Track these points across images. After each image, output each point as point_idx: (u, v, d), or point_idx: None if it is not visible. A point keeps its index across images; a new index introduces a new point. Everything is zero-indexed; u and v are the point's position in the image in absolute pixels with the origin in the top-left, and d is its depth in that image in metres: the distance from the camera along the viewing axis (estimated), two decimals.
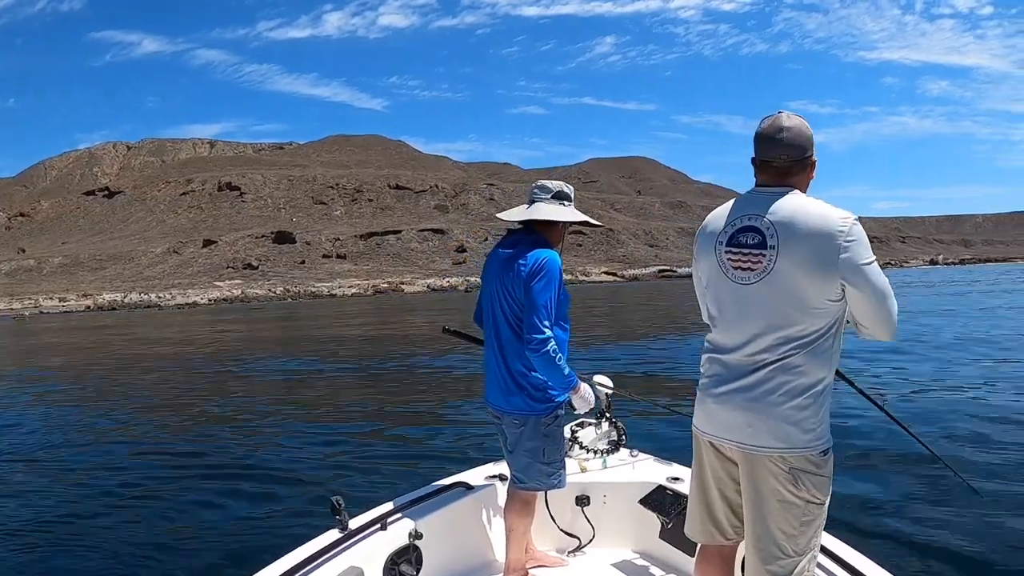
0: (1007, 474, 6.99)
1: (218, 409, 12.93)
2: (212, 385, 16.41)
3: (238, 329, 37.61)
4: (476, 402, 11.31)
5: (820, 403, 2.52)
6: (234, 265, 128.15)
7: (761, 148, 2.61)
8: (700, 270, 2.77)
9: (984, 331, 20.47)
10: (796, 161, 2.58)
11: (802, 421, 2.49)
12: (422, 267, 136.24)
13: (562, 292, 3.54)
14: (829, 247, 2.40)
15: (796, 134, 2.58)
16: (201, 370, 19.32)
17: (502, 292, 3.59)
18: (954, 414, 9.64)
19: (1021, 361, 14.95)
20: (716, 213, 2.75)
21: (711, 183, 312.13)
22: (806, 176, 2.63)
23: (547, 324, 3.41)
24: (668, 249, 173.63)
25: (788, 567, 2.57)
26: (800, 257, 2.45)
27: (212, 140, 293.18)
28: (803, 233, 2.45)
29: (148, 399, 14.46)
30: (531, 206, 3.65)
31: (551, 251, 3.54)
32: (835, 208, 2.48)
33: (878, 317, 2.48)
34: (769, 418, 2.51)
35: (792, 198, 2.53)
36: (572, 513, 4.28)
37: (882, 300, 2.46)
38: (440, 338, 7.88)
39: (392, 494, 3.94)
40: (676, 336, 24.51)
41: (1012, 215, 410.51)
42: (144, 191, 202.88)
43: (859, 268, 2.40)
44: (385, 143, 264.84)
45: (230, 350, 25.20)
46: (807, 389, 2.49)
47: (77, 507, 7.15)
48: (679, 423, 5.23)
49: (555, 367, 3.44)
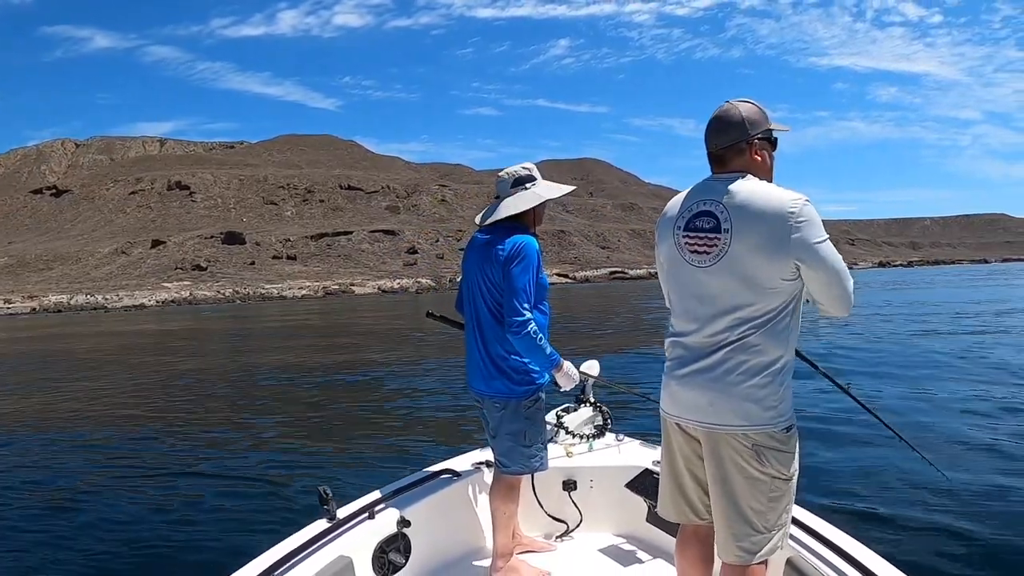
0: (958, 448, 7.79)
1: (194, 407, 13.01)
2: (179, 385, 16.32)
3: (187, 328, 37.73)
4: (459, 389, 12.04)
5: (780, 381, 2.59)
6: (183, 266, 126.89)
7: (704, 140, 2.75)
8: (660, 255, 2.85)
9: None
10: (728, 147, 2.67)
11: (763, 399, 2.56)
12: (373, 268, 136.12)
13: (541, 276, 3.60)
14: (781, 228, 2.47)
15: (724, 122, 2.68)
16: (169, 370, 19.36)
17: (481, 278, 3.65)
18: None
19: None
20: (675, 200, 2.84)
21: (663, 185, 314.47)
22: (746, 160, 2.67)
23: (527, 307, 3.47)
24: (620, 251, 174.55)
25: (759, 543, 2.63)
26: (753, 239, 2.52)
27: (162, 138, 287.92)
28: (755, 215, 2.52)
29: (118, 400, 14.34)
30: (499, 202, 3.72)
31: (528, 236, 3.60)
32: (787, 191, 2.56)
33: (833, 294, 2.56)
34: (730, 397, 2.58)
35: (745, 183, 2.60)
36: (559, 498, 4.33)
37: (836, 277, 2.53)
38: (417, 329, 8.29)
39: (379, 483, 3.98)
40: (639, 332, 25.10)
41: (959, 218, 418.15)
42: (92, 190, 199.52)
43: (811, 247, 2.47)
44: (337, 143, 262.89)
45: (192, 350, 25.32)
46: (766, 367, 2.56)
47: (68, 506, 7.15)
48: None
49: (537, 347, 3.49)
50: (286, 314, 52.76)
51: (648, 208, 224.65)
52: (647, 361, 16.48)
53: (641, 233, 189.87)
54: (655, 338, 23.90)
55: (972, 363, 14.78)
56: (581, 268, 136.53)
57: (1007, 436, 8.48)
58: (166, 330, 40.52)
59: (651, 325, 28.47)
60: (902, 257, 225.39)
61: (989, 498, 6.38)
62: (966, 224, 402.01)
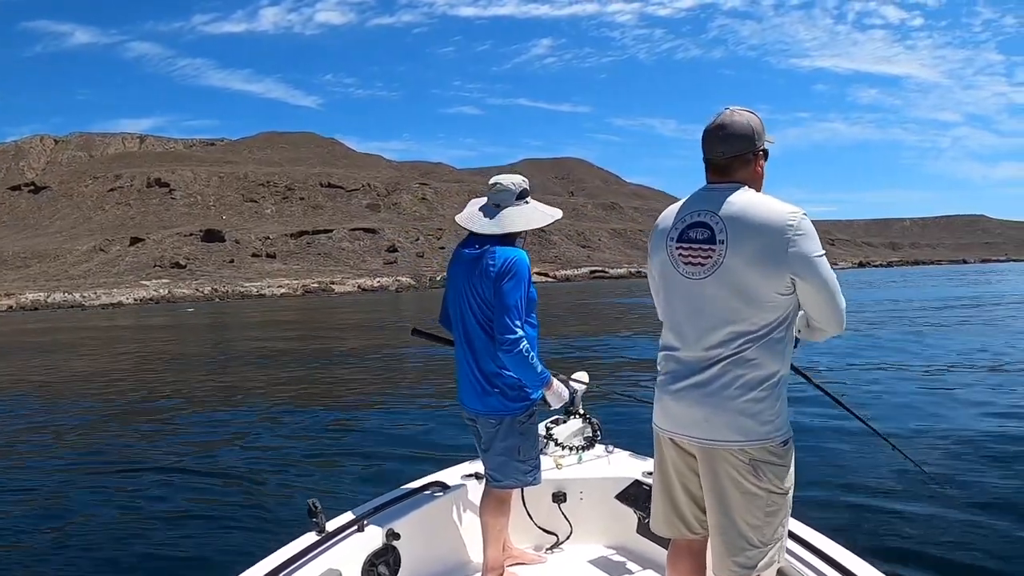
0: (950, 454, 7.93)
1: (182, 414, 12.85)
2: (167, 389, 16.17)
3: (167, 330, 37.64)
4: (448, 400, 11.54)
5: (776, 395, 2.56)
6: (161, 264, 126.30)
7: (704, 146, 2.69)
8: (653, 267, 2.82)
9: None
10: (735, 157, 2.64)
11: (759, 413, 2.53)
12: (353, 267, 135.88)
13: (530, 290, 3.54)
14: (778, 241, 2.45)
15: (733, 131, 2.64)
16: (149, 373, 19.32)
17: (470, 293, 3.57)
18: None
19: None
20: (668, 210, 2.80)
21: (643, 185, 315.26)
22: (751, 172, 2.66)
23: (518, 324, 3.42)
24: (600, 250, 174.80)
25: (755, 558, 2.62)
26: (749, 252, 2.49)
27: (142, 135, 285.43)
28: (752, 228, 2.50)
29: (94, 405, 14.21)
30: (498, 211, 3.62)
31: (519, 250, 3.55)
32: (784, 203, 2.53)
33: (827, 311, 2.55)
34: (725, 412, 2.55)
35: (741, 194, 2.58)
36: (549, 510, 4.30)
37: (831, 294, 2.51)
38: (401, 335, 7.74)
39: (369, 495, 4.00)
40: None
41: (938, 219, 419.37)
42: (71, 187, 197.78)
43: (808, 261, 2.45)
44: (318, 141, 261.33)
45: (172, 352, 25.21)
46: (762, 382, 2.53)
47: (46, 515, 7.11)
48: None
49: (528, 366, 3.45)
50: (265, 311, 52.59)
51: (629, 208, 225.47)
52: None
53: (622, 232, 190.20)
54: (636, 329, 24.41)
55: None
56: (562, 267, 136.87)
57: (996, 433, 8.86)
58: (143, 325, 40.35)
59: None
60: (882, 257, 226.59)
61: (970, 492, 6.65)
62: (945, 225, 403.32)
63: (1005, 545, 5.55)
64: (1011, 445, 8.30)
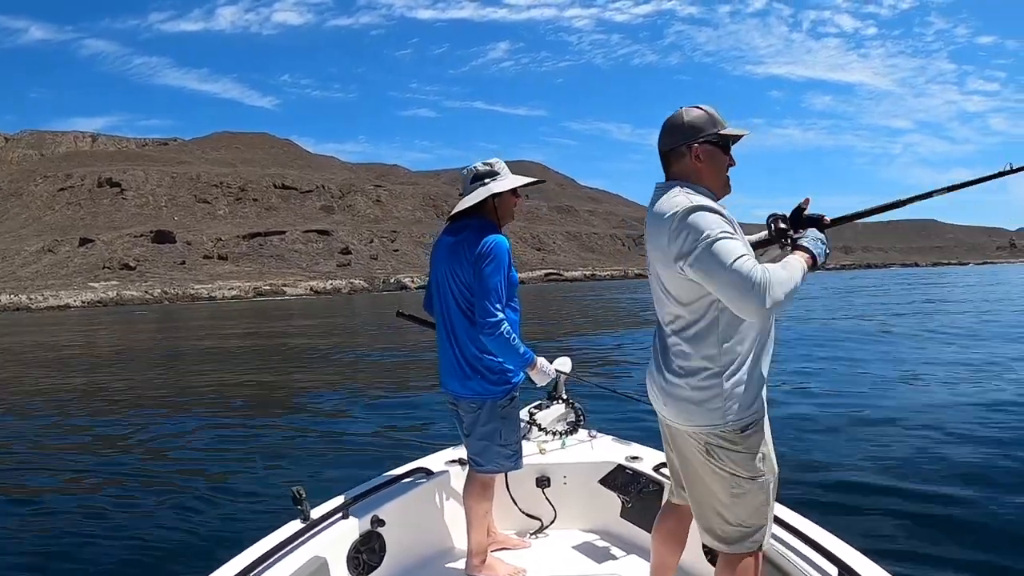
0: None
1: (159, 406, 12.78)
2: (145, 386, 16.11)
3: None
4: (431, 387, 11.67)
5: (721, 383, 2.52)
6: (110, 265, 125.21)
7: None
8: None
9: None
10: (670, 151, 2.67)
11: (704, 402, 2.54)
12: (305, 269, 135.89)
13: (511, 273, 3.53)
14: (665, 237, 2.49)
15: (668, 126, 2.68)
16: (129, 370, 19.32)
17: (451, 278, 3.57)
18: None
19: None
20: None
21: (598, 188, 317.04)
22: (687, 165, 2.63)
23: (499, 307, 3.40)
24: (555, 253, 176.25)
25: (731, 534, 2.65)
26: (653, 249, 2.60)
27: (95, 134, 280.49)
28: (654, 226, 2.58)
29: (69, 399, 14.15)
30: (473, 189, 3.62)
31: (498, 234, 3.52)
32: (677, 198, 2.51)
33: (726, 296, 2.39)
34: (674, 398, 2.62)
35: (664, 192, 2.60)
36: (533, 495, 4.27)
37: (724, 281, 2.37)
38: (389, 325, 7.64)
39: (353, 482, 3.94)
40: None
41: (889, 223, 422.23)
42: (20, 186, 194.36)
43: (687, 254, 2.42)
44: (273, 141, 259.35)
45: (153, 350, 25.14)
46: (699, 371, 2.55)
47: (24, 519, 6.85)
48: (636, 404, 5.36)
49: (510, 347, 3.43)
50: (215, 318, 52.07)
51: (583, 211, 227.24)
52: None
53: (576, 235, 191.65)
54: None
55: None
56: (517, 270, 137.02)
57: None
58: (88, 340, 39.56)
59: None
60: (834, 261, 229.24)
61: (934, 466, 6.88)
62: (896, 229, 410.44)
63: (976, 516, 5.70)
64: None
